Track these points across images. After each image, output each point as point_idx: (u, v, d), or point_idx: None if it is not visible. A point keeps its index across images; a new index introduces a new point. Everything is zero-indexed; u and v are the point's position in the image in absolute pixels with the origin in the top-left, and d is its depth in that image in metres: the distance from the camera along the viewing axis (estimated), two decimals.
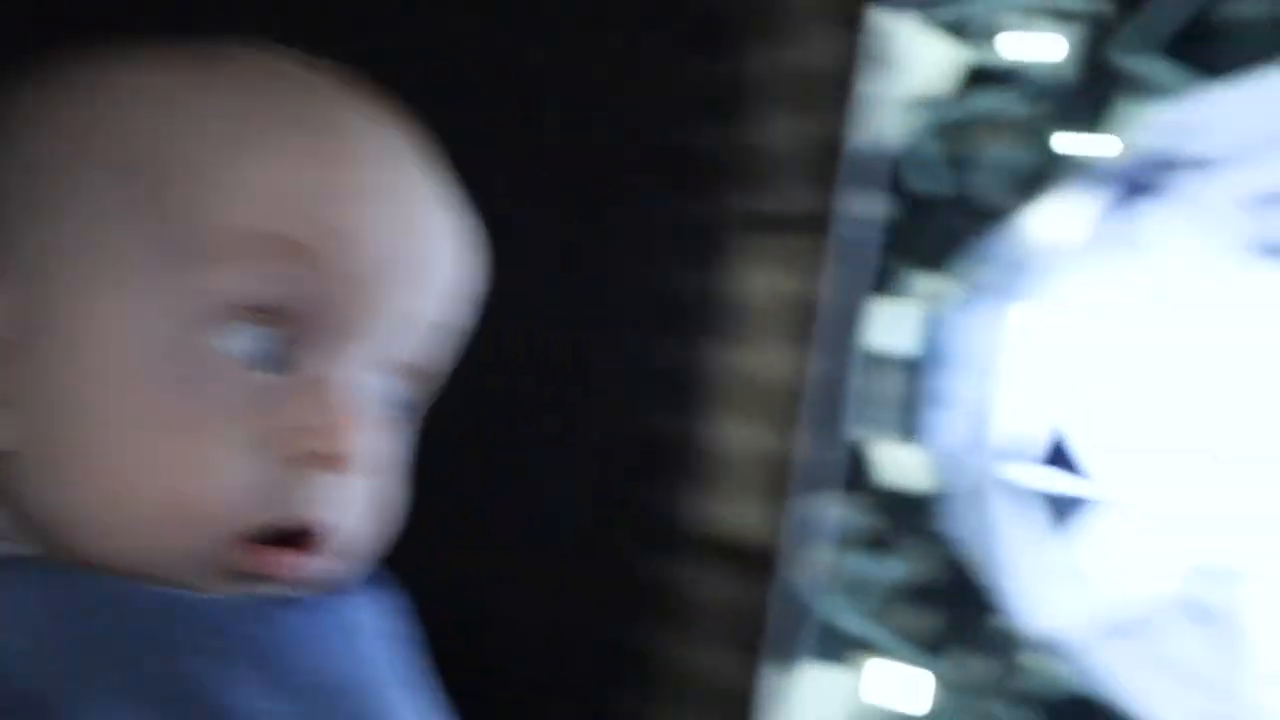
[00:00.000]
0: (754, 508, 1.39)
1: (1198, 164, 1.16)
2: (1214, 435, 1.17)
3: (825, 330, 1.29)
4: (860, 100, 1.25)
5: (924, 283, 1.20)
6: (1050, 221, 1.18)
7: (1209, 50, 1.08)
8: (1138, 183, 1.17)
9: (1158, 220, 1.19)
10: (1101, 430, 1.21)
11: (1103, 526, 1.19)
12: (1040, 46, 1.16)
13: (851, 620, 1.16)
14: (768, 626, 1.27)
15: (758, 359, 1.40)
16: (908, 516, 1.18)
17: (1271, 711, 1.05)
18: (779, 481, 1.35)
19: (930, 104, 1.19)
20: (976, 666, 1.12)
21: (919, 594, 1.15)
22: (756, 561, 1.37)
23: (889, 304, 1.20)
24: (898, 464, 1.20)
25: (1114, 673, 1.10)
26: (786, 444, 1.37)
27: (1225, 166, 1.16)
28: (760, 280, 1.40)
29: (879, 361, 1.20)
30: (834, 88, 1.35)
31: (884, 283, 1.21)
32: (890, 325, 1.20)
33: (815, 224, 1.37)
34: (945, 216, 1.18)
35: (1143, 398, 1.20)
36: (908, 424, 1.21)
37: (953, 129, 1.18)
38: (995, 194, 1.17)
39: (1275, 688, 1.07)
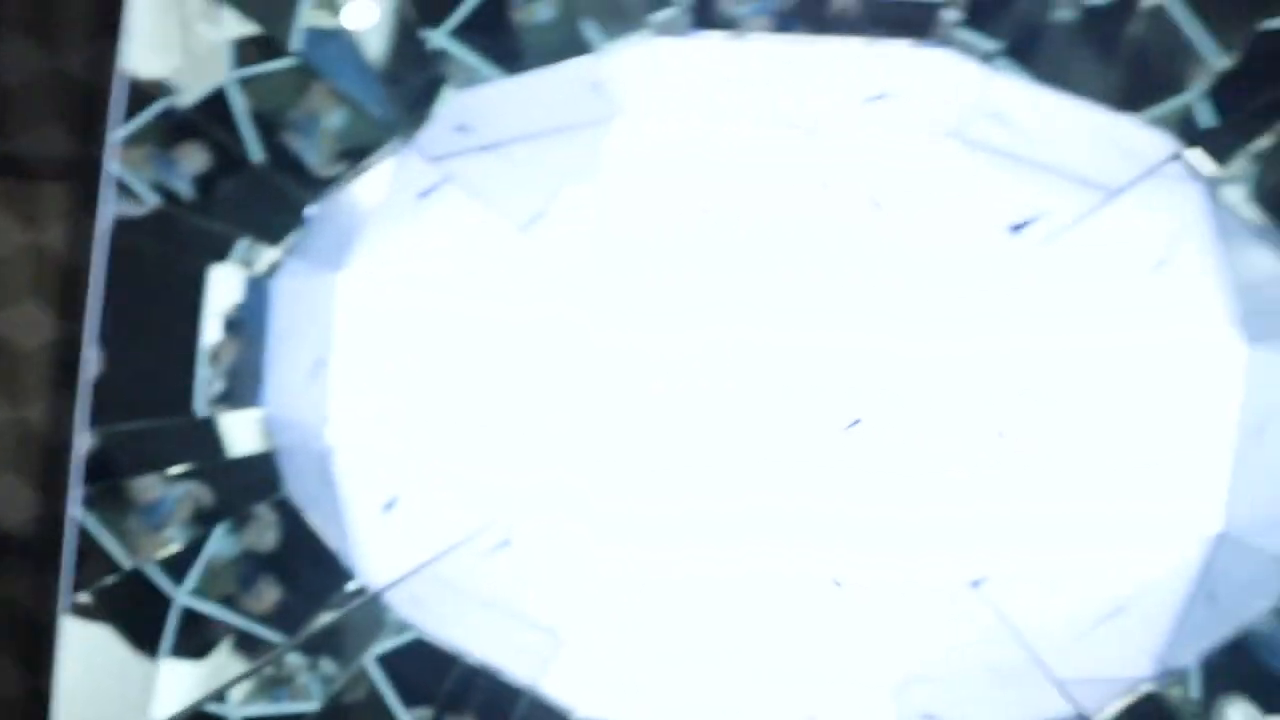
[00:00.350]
0: (19, 492, 1.24)
1: (493, 145, 1.26)
2: (498, 401, 1.30)
3: (98, 294, 1.18)
4: (142, 41, 1.15)
5: (247, 248, 1.15)
6: (371, 191, 1.19)
7: (507, 42, 1.17)
8: (443, 160, 1.24)
9: (457, 196, 1.27)
10: (415, 395, 1.27)
11: (420, 482, 1.25)
12: (361, 17, 1.16)
13: (192, 600, 1.08)
14: (53, 622, 1.14)
15: (8, 324, 1.25)
16: (245, 486, 1.13)
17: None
18: (53, 462, 1.22)
19: (245, 59, 1.14)
20: (322, 629, 1.11)
21: (261, 564, 1.11)
22: (26, 553, 1.23)
23: (217, 269, 1.13)
24: (232, 433, 1.14)
25: (439, 616, 1.16)
26: (54, 420, 1.25)
27: (513, 149, 1.27)
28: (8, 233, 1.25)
29: (205, 329, 1.13)
30: (96, 20, 1.24)
31: (207, 247, 1.14)
32: (217, 291, 1.13)
33: (76, 171, 1.25)
34: (267, 179, 1.14)
35: (445, 366, 1.28)
36: (238, 392, 1.15)
37: (272, 88, 1.14)
38: (319, 159, 1.16)
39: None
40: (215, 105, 1.13)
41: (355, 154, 1.17)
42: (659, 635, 1.25)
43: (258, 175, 1.15)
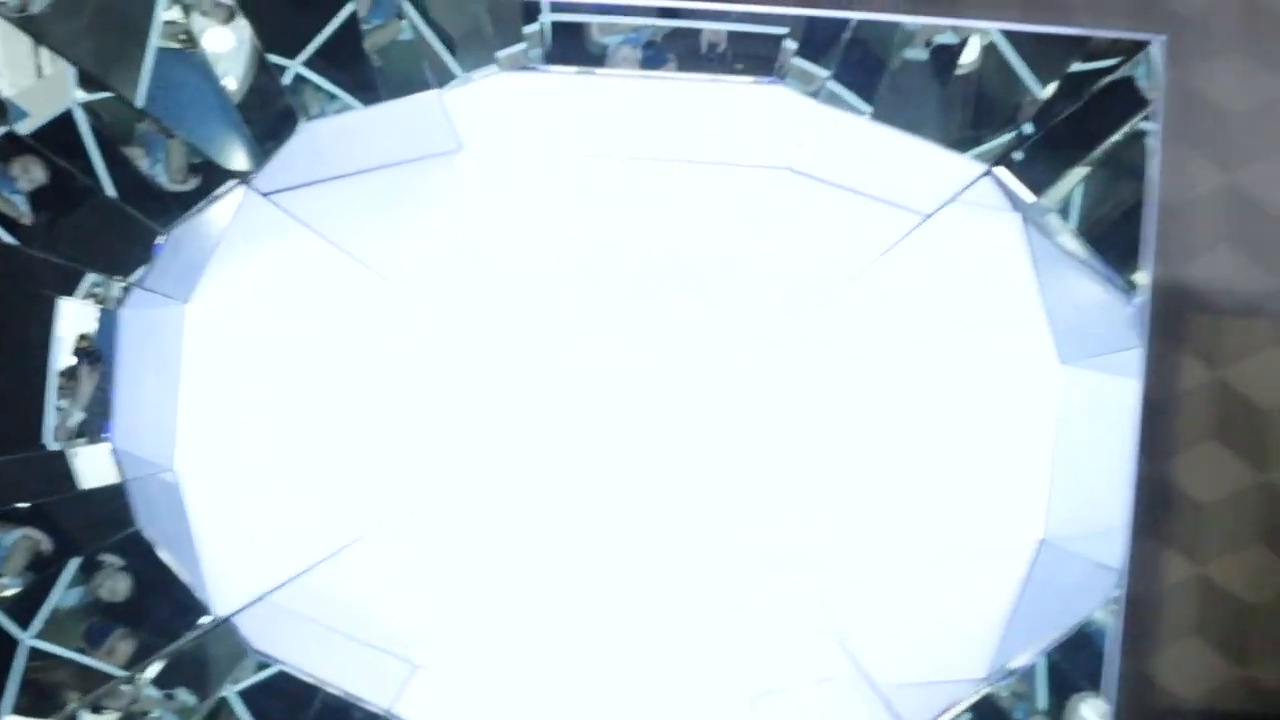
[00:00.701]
0: None
1: (342, 176, 1.25)
2: (346, 429, 1.28)
3: None
4: None
5: (94, 281, 1.11)
6: (219, 220, 1.17)
7: (360, 73, 1.17)
8: (292, 190, 1.22)
9: (305, 227, 1.26)
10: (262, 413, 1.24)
11: (270, 509, 1.23)
12: (219, 42, 1.14)
13: (39, 643, 1.03)
14: None
15: None
16: (94, 522, 1.08)
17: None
18: None
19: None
20: (166, 659, 1.07)
21: (113, 614, 1.06)
22: None
23: (65, 303, 1.08)
24: (81, 467, 1.09)
25: (298, 647, 1.14)
26: None
27: (363, 179, 1.27)
28: None
29: (53, 360, 1.08)
30: None
31: (53, 279, 1.09)
32: (68, 323, 1.09)
33: None
34: (116, 209, 1.10)
35: (293, 395, 1.26)
36: (91, 425, 1.10)
37: (120, 108, 1.11)
38: (168, 176, 1.13)
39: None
40: (61, 129, 1.09)
41: (205, 170, 1.14)
42: (515, 655, 1.25)
43: (106, 206, 1.11)
